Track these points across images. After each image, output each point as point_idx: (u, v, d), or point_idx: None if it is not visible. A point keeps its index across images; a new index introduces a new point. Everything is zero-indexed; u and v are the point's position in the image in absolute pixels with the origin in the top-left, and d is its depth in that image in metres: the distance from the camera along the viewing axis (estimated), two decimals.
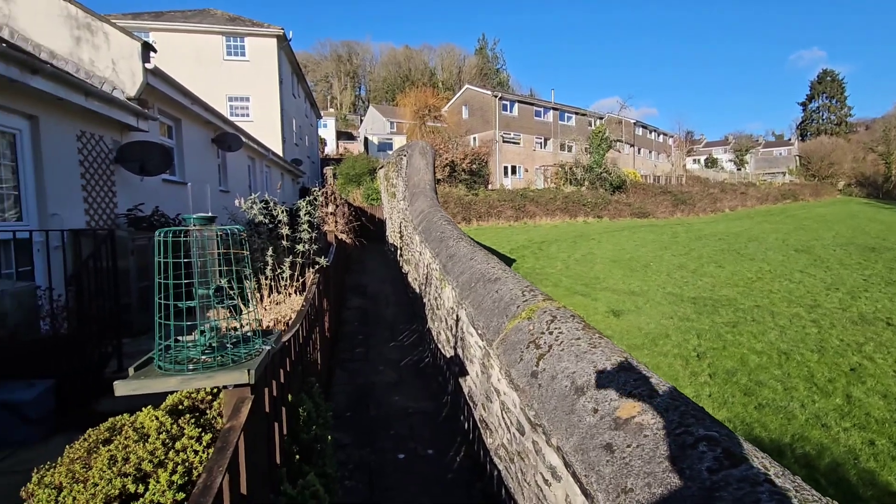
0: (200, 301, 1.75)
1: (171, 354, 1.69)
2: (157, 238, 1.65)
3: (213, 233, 1.76)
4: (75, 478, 2.05)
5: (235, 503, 1.52)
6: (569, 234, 22.54)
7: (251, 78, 19.64)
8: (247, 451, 1.66)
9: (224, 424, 1.72)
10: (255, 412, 1.81)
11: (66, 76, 5.20)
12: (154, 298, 1.73)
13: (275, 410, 2.24)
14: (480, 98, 36.52)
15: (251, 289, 1.94)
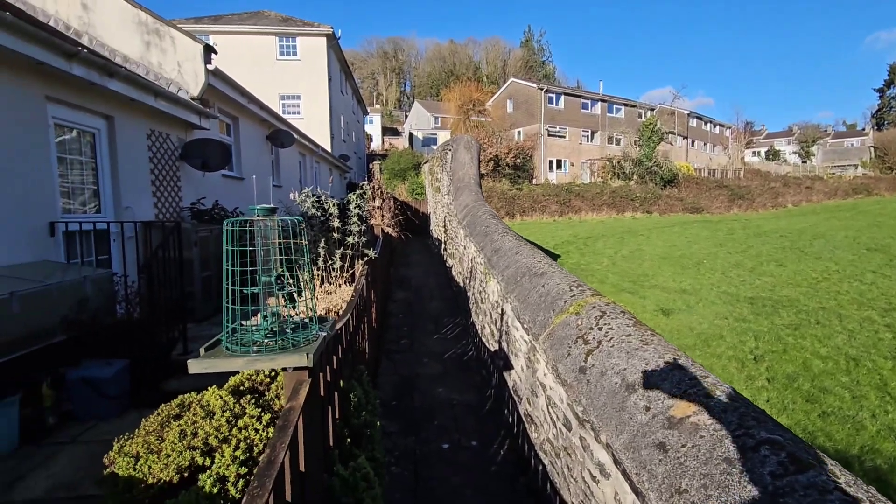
0: (263, 288, 1.85)
1: (236, 337, 1.80)
2: (225, 228, 1.76)
3: (275, 223, 1.85)
4: (150, 448, 2.22)
5: (295, 480, 1.60)
6: (616, 229, 21.87)
7: (302, 77, 20.29)
8: (304, 431, 1.75)
9: (283, 405, 1.81)
10: (312, 395, 1.90)
11: (138, 78, 5.58)
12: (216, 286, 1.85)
13: (328, 395, 2.34)
14: (525, 91, 35.97)
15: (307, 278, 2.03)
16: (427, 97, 57.73)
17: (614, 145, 37.18)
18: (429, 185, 15.09)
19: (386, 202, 11.08)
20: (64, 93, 4.80)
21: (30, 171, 4.40)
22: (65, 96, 4.82)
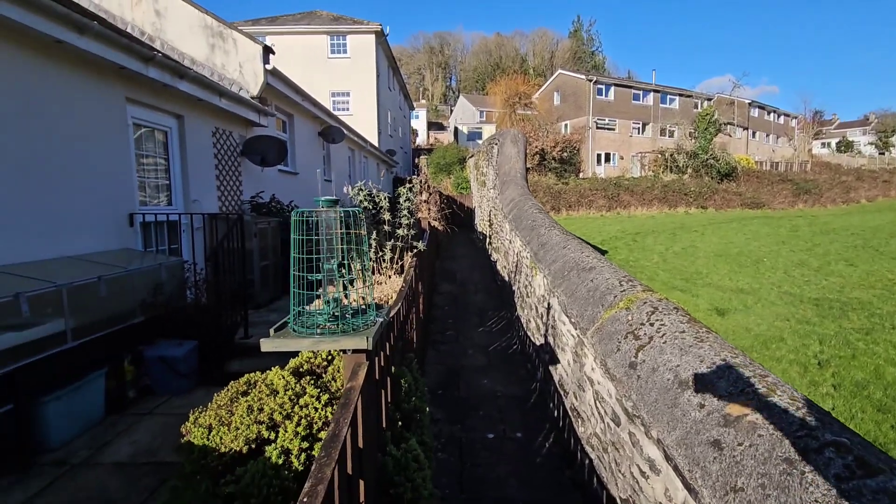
0: (326, 275, 1.97)
1: (302, 320, 1.93)
2: (293, 218, 1.90)
3: (338, 214, 1.97)
4: (221, 421, 2.42)
5: (354, 454, 1.71)
6: (667, 225, 21.01)
7: (351, 74, 20.79)
8: (363, 409, 1.85)
9: (342, 385, 1.93)
10: (369, 376, 2.00)
11: (205, 79, 5.95)
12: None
13: (382, 378, 2.45)
14: (573, 83, 35.09)
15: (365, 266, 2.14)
16: (472, 91, 57.53)
17: (667, 137, 35.61)
18: (474, 179, 15.10)
19: (432, 196, 11.21)
20: (141, 94, 5.21)
21: (114, 167, 4.82)
22: (142, 97, 5.23)
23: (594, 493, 2.94)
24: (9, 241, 3.67)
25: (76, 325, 3.57)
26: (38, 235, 3.93)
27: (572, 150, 28.39)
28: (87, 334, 3.66)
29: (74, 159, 4.32)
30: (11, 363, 3.08)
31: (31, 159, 3.89)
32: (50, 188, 4.05)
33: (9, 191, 3.68)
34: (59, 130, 4.16)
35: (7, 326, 3.08)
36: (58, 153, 4.15)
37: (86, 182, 4.44)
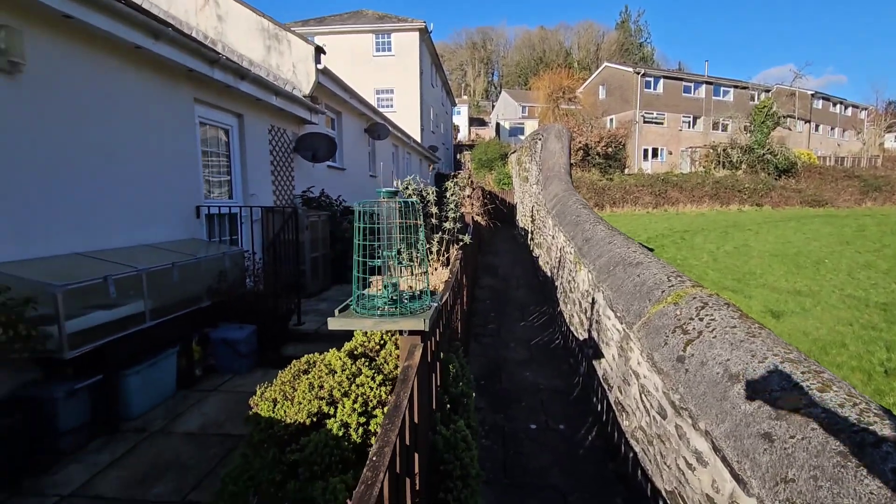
0: (385, 261, 2.11)
1: (363, 303, 2.08)
2: (356, 207, 2.05)
3: (397, 204, 2.11)
4: (285, 396, 2.62)
5: (411, 427, 1.84)
6: (718, 223, 20.12)
7: (395, 71, 21.13)
8: (418, 386, 1.99)
9: (399, 364, 2.07)
10: (423, 357, 2.13)
11: (263, 80, 6.29)
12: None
13: (433, 361, 2.59)
14: (620, 76, 34.08)
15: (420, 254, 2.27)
16: (515, 86, 56.94)
17: (720, 131, 33.97)
18: (516, 174, 15.05)
19: (475, 191, 11.30)
20: (207, 95, 5.59)
21: (184, 163, 5.21)
22: (207, 98, 5.60)
23: (638, 485, 2.96)
24: (96, 230, 4.07)
25: (153, 307, 3.92)
26: (120, 225, 4.33)
27: (618, 146, 27.63)
28: (162, 315, 4.01)
29: (150, 155, 4.71)
30: (101, 338, 3.44)
31: (115, 156, 4.29)
32: (130, 182, 4.44)
33: (97, 185, 4.08)
34: (137, 128, 4.55)
35: (97, 305, 3.44)
36: (137, 150, 4.54)
37: (159, 176, 4.83)
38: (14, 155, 3.38)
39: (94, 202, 4.04)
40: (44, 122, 3.61)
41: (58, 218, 3.70)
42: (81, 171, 3.92)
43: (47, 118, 3.64)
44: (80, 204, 3.90)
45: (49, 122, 3.66)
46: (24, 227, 3.44)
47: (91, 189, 4.01)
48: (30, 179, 3.48)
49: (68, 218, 3.79)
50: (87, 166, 3.98)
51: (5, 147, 3.32)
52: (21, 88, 3.46)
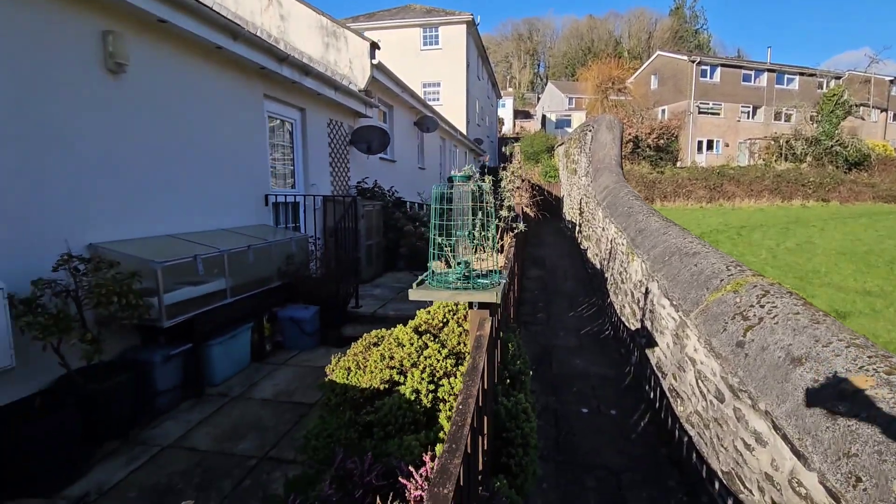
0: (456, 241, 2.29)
1: (436, 278, 2.28)
2: (433, 191, 2.24)
3: (469, 188, 2.28)
4: (358, 365, 2.87)
5: (481, 392, 2.02)
6: (779, 218, 19.07)
7: (442, 64, 21.30)
8: (487, 355, 2.16)
9: (474, 333, 2.24)
10: (492, 329, 2.30)
11: (324, 75, 6.63)
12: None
13: (496, 337, 2.75)
14: (673, 65, 32.68)
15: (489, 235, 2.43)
16: (561, 78, 55.78)
17: (783, 122, 31.95)
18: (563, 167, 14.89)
19: (524, 183, 11.34)
20: (275, 90, 5.97)
21: (255, 155, 5.62)
22: (275, 93, 5.99)
23: (693, 468, 3.02)
24: (183, 214, 4.50)
25: (232, 285, 4.31)
26: (202, 210, 4.75)
27: (670, 137, 26.61)
28: (239, 293, 4.40)
29: (227, 147, 5.12)
30: (191, 311, 3.84)
31: (198, 147, 4.71)
32: (211, 171, 4.86)
33: (184, 173, 4.50)
34: (216, 122, 4.96)
35: (187, 282, 3.84)
36: (216, 142, 4.96)
37: (235, 167, 5.24)
38: (118, 146, 3.82)
39: (181, 189, 4.47)
40: (141, 116, 4.04)
41: (151, 202, 4.13)
42: (171, 160, 4.35)
43: (143, 113, 4.07)
44: (170, 190, 4.33)
45: (145, 116, 4.08)
46: (124, 211, 3.87)
47: (178, 177, 4.43)
48: (129, 168, 3.91)
49: (160, 203, 4.22)
50: (175, 156, 4.40)
51: (111, 139, 3.75)
52: (123, 87, 3.89)
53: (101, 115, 3.66)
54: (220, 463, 3.12)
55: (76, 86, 3.47)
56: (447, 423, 2.25)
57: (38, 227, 3.22)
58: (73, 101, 3.44)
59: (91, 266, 3.18)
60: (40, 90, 3.22)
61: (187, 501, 1.99)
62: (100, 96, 3.66)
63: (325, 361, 4.83)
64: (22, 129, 3.11)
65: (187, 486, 2.91)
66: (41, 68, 3.23)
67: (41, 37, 3.23)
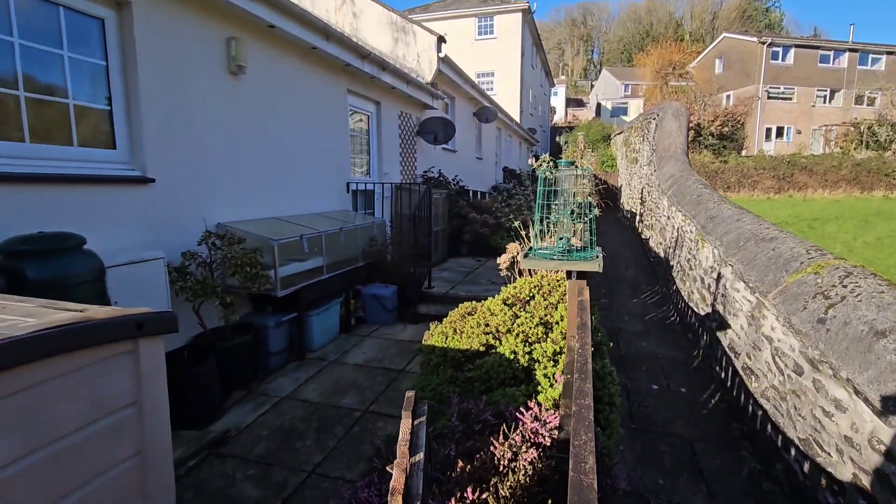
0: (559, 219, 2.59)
1: (539, 252, 2.59)
2: (539, 174, 2.55)
3: (574, 172, 2.57)
4: (456, 330, 3.24)
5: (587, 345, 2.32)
6: (857, 210, 17.83)
7: (497, 54, 21.34)
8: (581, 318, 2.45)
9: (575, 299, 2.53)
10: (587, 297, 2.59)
11: (399, 70, 7.04)
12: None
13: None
14: (741, 47, 30.87)
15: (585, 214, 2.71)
16: (616, 64, 53.94)
17: (864, 106, 29.47)
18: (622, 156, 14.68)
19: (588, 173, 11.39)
20: (356, 85, 6.44)
21: (339, 145, 6.12)
22: (356, 88, 6.46)
23: (767, 439, 3.18)
24: (285, 200, 5.04)
25: (328, 263, 4.82)
26: (299, 196, 5.29)
27: (735, 125, 25.32)
28: (332, 271, 4.91)
29: (317, 139, 5.64)
30: (297, 284, 4.36)
31: (295, 139, 5.24)
32: (305, 161, 5.39)
33: (286, 163, 5.04)
34: (309, 116, 5.48)
35: (294, 258, 4.36)
36: (309, 134, 5.48)
37: (323, 157, 5.76)
38: (236, 140, 4.37)
39: (282, 177, 5.01)
40: (253, 113, 4.59)
41: (259, 188, 4.68)
42: (275, 151, 4.89)
43: (255, 110, 4.61)
44: (273, 178, 4.87)
45: (256, 113, 4.63)
46: (240, 195, 4.43)
47: (280, 166, 4.97)
48: (244, 158, 4.46)
49: (265, 189, 4.77)
50: (278, 147, 4.94)
51: (231, 134, 4.31)
52: (241, 87, 4.43)
53: (225, 113, 4.22)
54: (330, 413, 3.60)
55: (207, 88, 4.03)
56: (544, 380, 2.57)
57: (185, 208, 3.82)
58: (204, 101, 4.01)
59: (225, 241, 3.73)
60: (183, 94, 3.80)
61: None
62: (224, 96, 4.21)
63: (404, 335, 5.29)
64: (173, 128, 3.69)
65: (308, 429, 3.41)
66: (184, 74, 3.80)
67: (183, 45, 3.79)
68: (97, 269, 2.77)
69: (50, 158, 2.99)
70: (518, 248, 4.48)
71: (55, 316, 1.30)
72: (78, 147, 3.19)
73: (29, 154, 2.89)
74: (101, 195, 3.20)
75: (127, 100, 3.44)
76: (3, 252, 2.54)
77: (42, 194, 2.86)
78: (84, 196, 3.09)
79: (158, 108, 3.57)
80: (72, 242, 2.70)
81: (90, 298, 2.72)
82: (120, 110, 3.40)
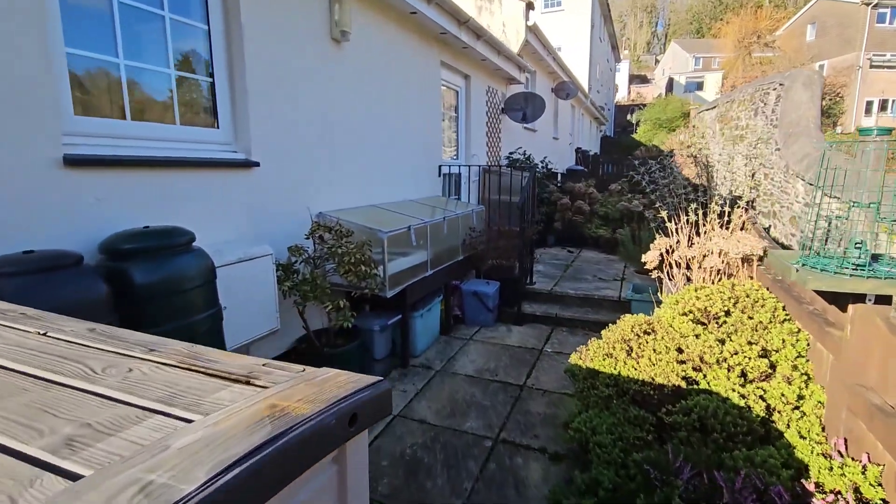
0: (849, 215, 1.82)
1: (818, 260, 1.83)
2: (824, 150, 1.78)
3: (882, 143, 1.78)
4: (629, 352, 2.54)
5: None
6: None
7: (564, 27, 19.92)
8: None
9: (842, 337, 1.80)
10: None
11: (494, 39, 6.29)
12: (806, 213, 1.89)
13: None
14: (838, 10, 27.40)
15: None
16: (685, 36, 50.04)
17: None
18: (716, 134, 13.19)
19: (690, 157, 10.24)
20: (449, 57, 5.76)
21: (432, 124, 5.50)
22: (448, 59, 5.78)
23: None
24: (381, 184, 4.49)
25: (432, 258, 4.24)
26: (391, 181, 4.72)
27: (834, 97, 22.56)
28: (435, 266, 4.33)
29: (412, 117, 5.03)
30: (404, 282, 3.81)
31: (393, 118, 4.64)
32: (399, 139, 4.80)
33: (381, 140, 4.47)
34: (404, 90, 4.86)
35: (400, 253, 3.80)
36: (404, 110, 4.88)
37: (416, 137, 5.15)
38: (333, 116, 3.81)
39: (376, 158, 4.44)
40: (352, 87, 4.01)
41: (354, 171, 4.13)
42: (371, 128, 4.32)
43: (355, 84, 4.04)
44: (368, 159, 4.31)
45: (355, 87, 4.05)
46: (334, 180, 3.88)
47: (375, 145, 4.39)
48: (340, 137, 3.91)
49: (359, 171, 4.22)
50: (374, 124, 4.36)
51: (329, 109, 3.75)
52: (343, 56, 3.86)
53: (326, 86, 3.67)
54: (454, 441, 3.04)
55: (311, 57, 3.49)
56: (800, 442, 1.85)
57: (288, 196, 3.33)
58: (308, 72, 3.47)
59: (334, 234, 3.21)
60: (287, 64, 3.26)
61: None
62: (326, 67, 3.66)
63: (511, 340, 4.65)
64: (278, 104, 3.17)
65: (433, 461, 2.87)
66: (289, 41, 3.25)
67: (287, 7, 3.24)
68: (208, 270, 2.29)
69: (149, 139, 2.53)
70: (667, 243, 3.69)
71: (226, 417, 0.72)
72: (180, 125, 2.72)
73: (129, 133, 2.44)
74: (203, 181, 2.73)
75: (230, 70, 2.94)
76: (107, 251, 2.10)
77: (140, 180, 2.41)
78: (185, 182, 2.63)
79: (263, 80, 3.05)
80: (182, 239, 2.23)
81: (200, 305, 2.26)
82: (223, 82, 2.91)
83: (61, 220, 2.07)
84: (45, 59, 1.98)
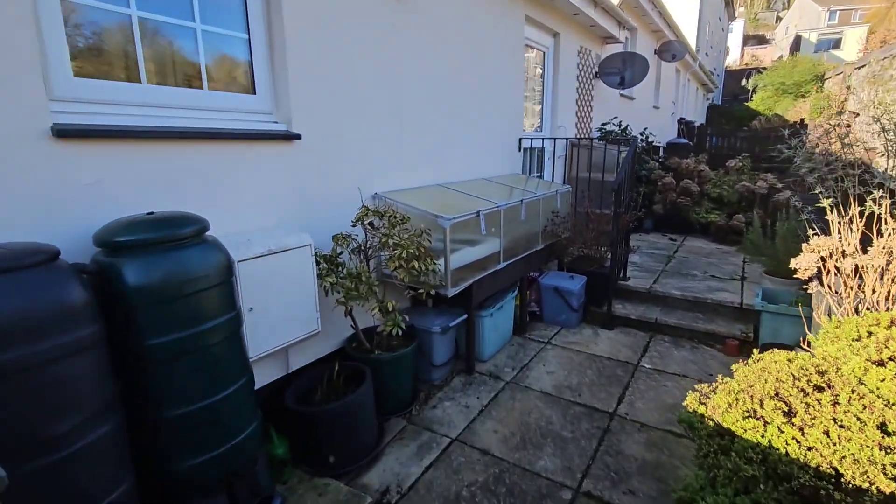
0: None
1: None
2: None
3: None
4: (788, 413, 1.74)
5: None
6: None
7: None
8: None
9: None
10: None
11: None
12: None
13: None
14: None
15: None
16: None
17: None
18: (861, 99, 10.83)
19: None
20: (533, 10, 4.91)
21: (512, 91, 4.74)
22: (533, 14, 4.92)
23: None
24: (447, 160, 3.87)
25: (505, 247, 3.58)
26: (462, 156, 4.08)
27: None
28: (509, 257, 3.67)
29: (488, 82, 4.32)
30: (470, 278, 3.21)
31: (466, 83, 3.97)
32: (472, 108, 4.13)
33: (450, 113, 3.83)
34: (479, 54, 4.14)
35: (466, 242, 3.19)
36: (480, 77, 4.18)
37: (493, 105, 4.44)
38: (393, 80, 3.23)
39: (444, 129, 3.81)
40: (417, 46, 3.40)
41: (417, 144, 3.53)
42: (439, 94, 3.69)
43: (419, 43, 3.41)
44: (434, 131, 3.69)
45: (420, 46, 3.43)
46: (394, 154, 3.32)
47: (442, 115, 3.76)
48: (402, 108, 3.32)
49: (424, 145, 3.61)
50: (443, 90, 3.73)
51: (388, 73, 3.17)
52: (406, 14, 3.25)
53: (383, 48, 3.09)
54: (523, 484, 2.43)
55: (365, 14, 2.91)
56: None
57: (335, 173, 2.84)
58: (361, 31, 2.90)
59: (386, 220, 2.68)
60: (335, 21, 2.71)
61: None
62: (384, 26, 3.07)
63: (599, 348, 3.86)
64: (323, 68, 2.65)
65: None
66: None
67: None
68: (222, 268, 1.85)
69: (170, 106, 2.13)
70: (830, 245, 2.69)
71: None
72: (209, 90, 2.30)
73: (145, 100, 2.05)
74: (235, 156, 2.30)
75: (269, 26, 2.45)
76: (102, 243, 1.72)
77: (156, 156, 2.01)
78: (212, 158, 2.20)
79: (306, 38, 2.54)
80: (190, 230, 1.79)
81: (212, 309, 1.82)
82: (260, 41, 2.44)
83: (53, 205, 1.72)
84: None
